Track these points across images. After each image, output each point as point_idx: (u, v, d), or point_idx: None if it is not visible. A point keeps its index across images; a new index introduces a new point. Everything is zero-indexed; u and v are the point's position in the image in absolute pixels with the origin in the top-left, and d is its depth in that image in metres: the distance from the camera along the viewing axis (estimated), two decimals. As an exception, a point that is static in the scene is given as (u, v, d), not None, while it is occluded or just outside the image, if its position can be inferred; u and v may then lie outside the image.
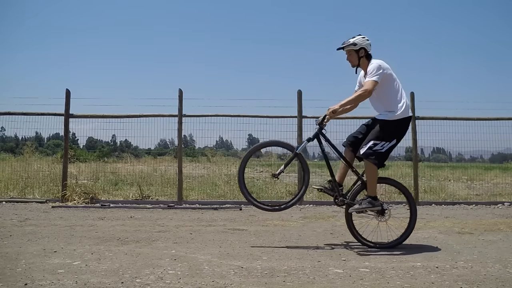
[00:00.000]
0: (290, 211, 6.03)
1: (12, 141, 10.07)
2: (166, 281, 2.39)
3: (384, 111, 3.56)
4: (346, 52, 3.68)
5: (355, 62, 3.66)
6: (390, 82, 3.53)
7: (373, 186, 3.52)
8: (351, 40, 3.62)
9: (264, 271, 2.64)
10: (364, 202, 3.50)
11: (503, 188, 8.33)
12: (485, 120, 7.41)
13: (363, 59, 3.63)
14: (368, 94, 3.45)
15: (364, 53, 3.62)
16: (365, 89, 3.43)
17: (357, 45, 3.60)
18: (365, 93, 3.44)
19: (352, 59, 3.67)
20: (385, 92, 3.53)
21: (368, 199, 3.50)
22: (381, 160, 3.50)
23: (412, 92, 7.22)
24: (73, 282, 2.34)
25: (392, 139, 3.49)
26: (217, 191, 7.59)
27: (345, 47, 3.65)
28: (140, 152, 10.81)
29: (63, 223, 4.62)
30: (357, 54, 3.63)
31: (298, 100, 7.06)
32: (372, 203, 3.48)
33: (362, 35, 3.65)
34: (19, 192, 7.15)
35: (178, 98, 6.95)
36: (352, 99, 3.52)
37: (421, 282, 2.44)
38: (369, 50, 3.64)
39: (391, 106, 3.53)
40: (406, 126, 3.56)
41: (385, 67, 3.52)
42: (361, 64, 3.65)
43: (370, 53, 3.65)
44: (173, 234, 3.98)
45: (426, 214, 5.83)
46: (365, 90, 3.43)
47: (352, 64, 3.70)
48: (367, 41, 3.62)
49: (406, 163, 8.70)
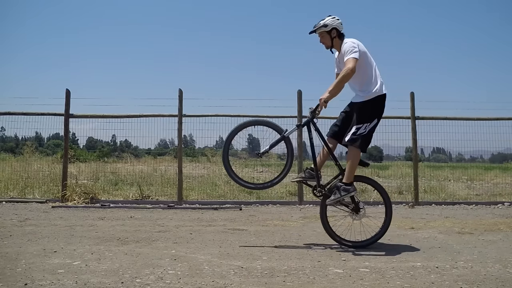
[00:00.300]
0: (290, 211, 6.03)
1: (12, 141, 10.07)
2: (166, 281, 2.39)
3: (359, 91, 3.57)
4: (318, 34, 3.68)
5: (328, 43, 3.67)
6: (365, 60, 3.53)
7: (352, 172, 3.50)
8: (321, 22, 3.63)
9: (264, 271, 2.64)
10: (339, 190, 3.45)
11: (503, 188, 8.33)
12: (485, 120, 7.42)
13: (336, 39, 3.64)
14: (352, 73, 3.40)
15: (336, 33, 3.63)
16: (348, 68, 3.39)
17: (328, 26, 3.60)
18: (349, 72, 3.40)
19: (325, 40, 3.68)
20: (360, 70, 3.51)
21: (343, 187, 3.46)
22: (365, 144, 3.51)
23: (412, 92, 7.23)
24: (73, 282, 2.34)
25: (372, 119, 3.50)
26: (217, 191, 7.60)
27: (317, 30, 3.66)
28: (140, 152, 10.81)
29: (63, 223, 4.62)
30: (330, 35, 3.63)
31: (298, 100, 7.07)
32: (347, 190, 3.45)
33: (332, 16, 3.66)
34: (19, 192, 7.15)
35: (178, 98, 6.95)
36: (339, 82, 3.46)
37: (421, 282, 2.44)
38: (341, 29, 3.64)
39: (366, 85, 3.53)
40: (383, 103, 3.57)
41: (359, 44, 3.52)
42: (335, 45, 3.66)
43: (342, 32, 3.65)
44: (173, 234, 3.98)
45: (426, 214, 5.82)
46: (347, 69, 3.39)
47: (326, 46, 3.71)
48: (338, 21, 3.63)
49: (406, 163, 8.70)
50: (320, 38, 3.70)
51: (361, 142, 3.45)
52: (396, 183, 8.27)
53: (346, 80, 3.46)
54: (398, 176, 8.51)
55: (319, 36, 3.69)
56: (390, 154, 9.61)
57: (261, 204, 6.84)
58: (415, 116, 7.17)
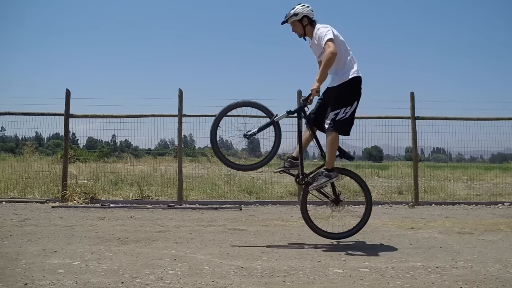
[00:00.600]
0: (290, 211, 6.03)
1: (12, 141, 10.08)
2: (166, 281, 2.39)
3: (336, 74, 3.58)
4: (290, 24, 3.70)
5: (301, 31, 3.69)
6: (339, 43, 3.52)
7: (332, 158, 3.51)
8: (292, 11, 3.65)
9: (264, 271, 2.64)
10: (321, 176, 3.48)
11: (503, 188, 8.33)
12: (485, 120, 7.41)
13: (308, 27, 3.66)
14: (334, 55, 3.39)
15: (308, 21, 3.64)
16: (329, 51, 3.38)
17: (298, 15, 3.62)
18: (331, 55, 3.39)
19: (297, 29, 3.70)
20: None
21: (325, 173, 3.48)
22: (348, 127, 3.53)
23: (412, 92, 7.23)
24: (73, 282, 2.34)
25: (352, 102, 3.50)
26: (217, 191, 7.59)
27: (288, 19, 3.67)
28: (140, 152, 10.81)
29: (63, 223, 4.62)
30: (301, 23, 3.65)
31: (298, 100, 7.06)
32: (329, 176, 3.47)
33: (302, 4, 3.67)
34: (19, 192, 7.15)
35: (178, 98, 6.95)
36: (324, 68, 3.45)
37: (421, 282, 2.44)
38: (312, 16, 3.66)
39: (342, 67, 3.54)
40: (359, 86, 3.56)
41: (332, 28, 3.54)
42: (307, 33, 3.67)
43: (313, 19, 3.66)
44: (173, 234, 3.98)
45: (426, 214, 5.82)
46: (329, 52, 3.38)
47: (298, 35, 3.73)
48: (308, 8, 3.64)
49: (406, 163, 8.71)
50: (292, 27, 3.72)
51: (343, 127, 3.47)
52: (396, 183, 8.27)
53: (330, 64, 3.44)
54: (398, 176, 8.50)
55: (291, 25, 3.71)
56: (390, 154, 9.62)
57: (261, 204, 6.84)
58: (415, 116, 7.17)
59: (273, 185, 7.96)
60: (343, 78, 3.51)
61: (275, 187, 7.84)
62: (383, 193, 7.54)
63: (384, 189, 7.80)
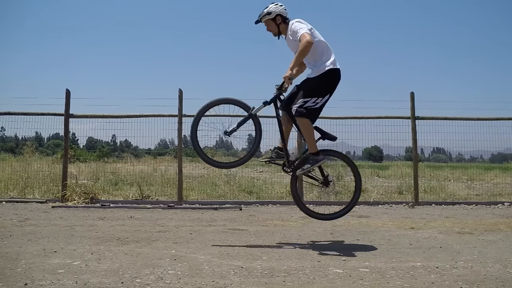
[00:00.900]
0: (290, 211, 6.03)
1: (12, 141, 10.08)
2: (166, 281, 2.39)
3: (313, 66, 3.61)
4: (264, 23, 3.72)
5: (275, 30, 3.72)
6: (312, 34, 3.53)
7: (312, 142, 3.55)
8: (265, 11, 3.67)
9: (264, 271, 2.64)
10: (308, 160, 3.55)
11: (503, 188, 8.33)
12: (485, 120, 7.41)
13: (282, 25, 3.69)
14: (309, 44, 3.40)
15: (282, 19, 3.67)
16: (305, 41, 3.39)
17: (272, 14, 3.65)
18: (306, 44, 3.39)
19: (272, 28, 3.72)
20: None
21: (311, 157, 3.54)
22: (314, 117, 3.55)
23: (412, 92, 7.22)
24: (73, 282, 2.34)
25: (325, 94, 3.53)
26: (217, 191, 7.60)
27: (262, 19, 3.70)
28: (140, 152, 10.81)
29: (63, 223, 4.62)
30: (275, 22, 3.68)
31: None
32: (315, 160, 3.53)
33: (275, 2, 3.69)
34: (19, 192, 7.15)
35: (178, 98, 6.95)
36: (297, 56, 3.46)
37: (421, 282, 2.44)
38: (285, 15, 3.68)
39: (319, 59, 3.56)
40: (335, 78, 3.58)
41: (305, 22, 3.57)
42: (282, 30, 3.70)
43: (287, 17, 3.69)
44: (173, 234, 3.98)
45: (426, 214, 5.82)
46: (304, 41, 3.39)
47: (273, 33, 3.76)
48: (281, 7, 3.67)
49: (406, 163, 8.71)
50: (267, 26, 3.75)
51: (310, 115, 3.49)
52: (396, 183, 8.27)
53: (305, 52, 3.45)
54: (398, 176, 8.50)
55: (265, 24, 3.74)
56: (390, 154, 9.62)
57: (261, 204, 6.84)
58: (415, 116, 7.17)
59: (273, 185, 7.96)
60: (320, 69, 3.55)
61: (275, 187, 7.84)
62: (383, 193, 7.53)
63: (384, 189, 7.79)
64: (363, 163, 10.98)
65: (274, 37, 3.76)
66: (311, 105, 3.48)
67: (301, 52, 3.42)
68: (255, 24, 3.77)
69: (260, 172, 9.76)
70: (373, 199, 7.12)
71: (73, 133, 7.90)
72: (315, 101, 3.49)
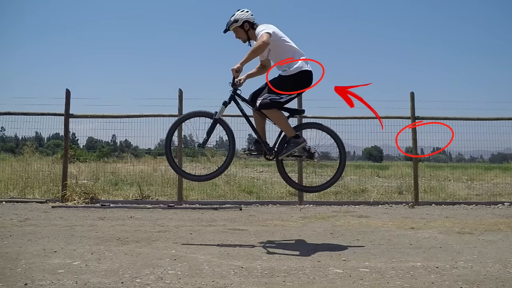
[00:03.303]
0: (290, 211, 6.03)
1: (12, 141, 10.07)
2: (166, 281, 2.39)
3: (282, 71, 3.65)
4: (233, 31, 3.75)
5: (244, 37, 3.75)
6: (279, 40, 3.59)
7: (288, 127, 3.63)
8: (232, 19, 3.70)
9: (264, 271, 2.64)
10: (288, 145, 3.63)
11: (503, 188, 8.32)
12: (485, 120, 7.41)
13: (250, 31, 3.71)
14: (264, 45, 3.45)
15: (249, 25, 3.70)
16: (261, 40, 3.44)
17: (239, 21, 3.68)
18: (261, 44, 3.44)
19: (240, 35, 3.75)
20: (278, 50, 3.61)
21: (292, 140, 3.62)
22: (278, 107, 3.59)
23: (412, 92, 7.22)
24: (73, 282, 2.34)
25: (291, 90, 3.59)
26: (217, 191, 7.59)
27: (230, 27, 3.72)
28: (140, 152, 10.80)
29: (63, 223, 4.62)
30: (243, 29, 3.70)
31: (297, 100, 7.05)
32: (296, 143, 3.61)
33: (241, 9, 3.71)
34: (19, 192, 7.15)
35: (178, 98, 6.95)
36: (250, 52, 3.50)
37: (421, 282, 2.44)
38: (252, 21, 3.70)
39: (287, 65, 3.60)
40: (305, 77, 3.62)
41: (272, 26, 3.60)
42: (251, 36, 3.73)
43: (254, 22, 3.71)
44: (173, 234, 3.98)
45: (426, 214, 5.82)
46: (260, 41, 3.44)
47: (242, 40, 3.78)
48: (248, 13, 3.69)
49: (406, 163, 8.70)
50: (235, 34, 3.77)
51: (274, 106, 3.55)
52: (396, 183, 8.27)
53: (258, 51, 3.50)
54: (398, 176, 8.50)
55: (234, 32, 3.76)
56: (390, 154, 9.62)
57: (261, 204, 6.84)
58: (415, 116, 7.17)
59: (273, 185, 7.96)
60: (291, 71, 3.60)
61: (275, 187, 7.84)
62: (383, 193, 7.53)
63: (384, 189, 7.79)
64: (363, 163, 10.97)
65: (244, 43, 3.78)
66: (275, 97, 3.55)
67: (254, 50, 3.49)
68: (224, 33, 3.79)
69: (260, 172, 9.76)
70: (373, 199, 7.11)
71: (73, 133, 7.89)
72: (279, 95, 3.56)
